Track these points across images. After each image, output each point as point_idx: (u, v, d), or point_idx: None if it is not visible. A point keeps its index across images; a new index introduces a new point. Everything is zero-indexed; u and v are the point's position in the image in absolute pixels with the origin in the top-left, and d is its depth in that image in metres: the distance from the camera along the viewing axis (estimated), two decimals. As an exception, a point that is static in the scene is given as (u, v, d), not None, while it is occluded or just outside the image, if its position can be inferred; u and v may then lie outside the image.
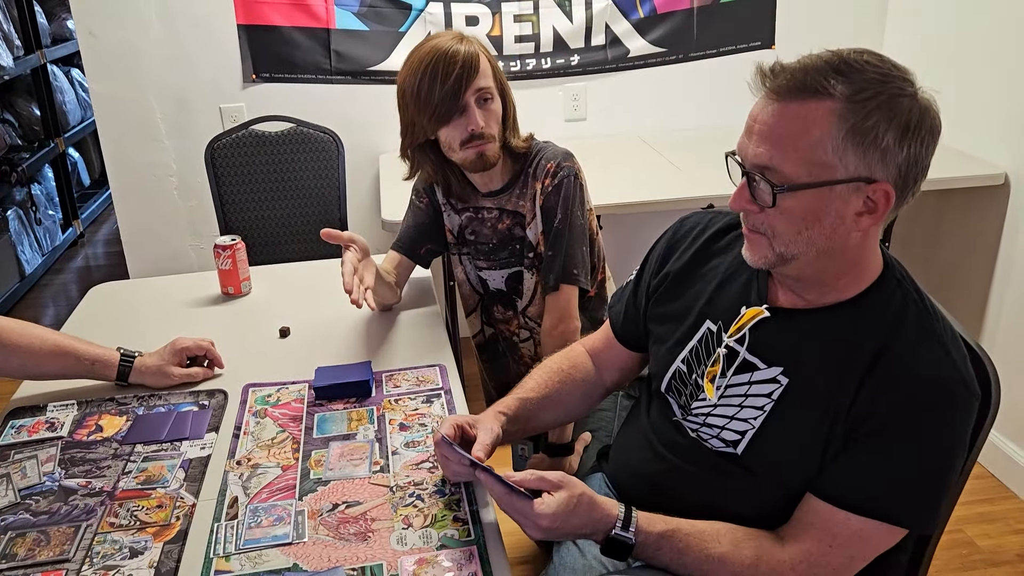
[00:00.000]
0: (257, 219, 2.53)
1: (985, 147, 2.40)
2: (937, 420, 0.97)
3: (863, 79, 0.92)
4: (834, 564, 1.00)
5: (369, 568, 1.02)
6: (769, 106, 0.95)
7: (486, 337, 1.83)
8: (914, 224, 2.71)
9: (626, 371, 1.34)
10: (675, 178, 2.43)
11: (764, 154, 0.95)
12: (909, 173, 0.94)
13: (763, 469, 1.06)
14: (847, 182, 0.93)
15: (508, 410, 1.23)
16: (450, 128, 1.52)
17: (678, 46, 2.82)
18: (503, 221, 1.65)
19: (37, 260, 3.98)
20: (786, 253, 0.99)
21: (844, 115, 0.91)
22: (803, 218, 0.96)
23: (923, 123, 0.93)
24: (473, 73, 1.48)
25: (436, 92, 1.48)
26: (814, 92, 0.92)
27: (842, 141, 0.91)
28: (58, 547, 1.07)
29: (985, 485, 2.30)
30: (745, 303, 1.10)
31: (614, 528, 1.04)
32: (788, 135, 0.93)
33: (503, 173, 1.63)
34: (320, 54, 2.68)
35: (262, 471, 1.21)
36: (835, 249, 0.98)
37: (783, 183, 0.94)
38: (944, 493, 1.00)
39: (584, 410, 1.35)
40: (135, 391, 1.43)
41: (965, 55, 2.46)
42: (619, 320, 1.30)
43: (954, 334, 1.02)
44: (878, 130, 0.91)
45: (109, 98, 2.65)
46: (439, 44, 1.49)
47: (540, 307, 1.69)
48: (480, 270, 1.73)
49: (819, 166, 0.93)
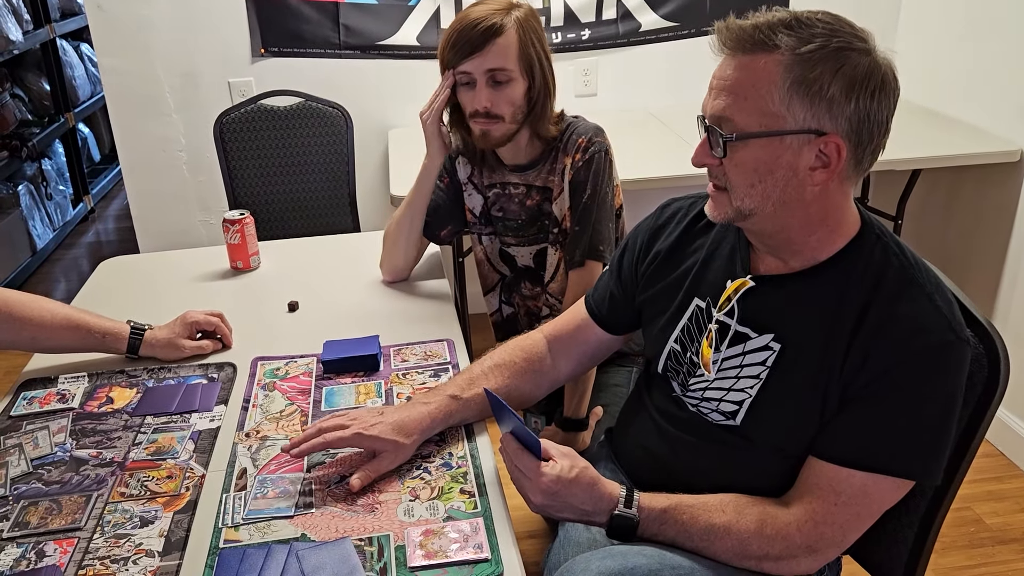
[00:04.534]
0: (266, 194, 2.53)
1: (1001, 124, 2.37)
2: (928, 368, 0.97)
3: (810, 33, 0.95)
4: (840, 521, 1.00)
5: (376, 539, 1.02)
6: (724, 61, 0.99)
7: (504, 316, 1.82)
8: (928, 201, 2.69)
9: (599, 352, 1.33)
10: (687, 153, 2.40)
11: (719, 105, 0.99)
12: (862, 128, 0.95)
13: (762, 437, 1.07)
14: (796, 133, 0.95)
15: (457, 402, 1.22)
16: (463, 94, 1.53)
17: (690, 20, 2.79)
18: (532, 197, 1.63)
19: (48, 235, 4.00)
20: (743, 207, 1.01)
21: (790, 66, 0.94)
22: (755, 169, 0.98)
23: (871, 77, 0.94)
24: (486, 50, 1.46)
25: (451, 60, 1.50)
26: (763, 45, 0.95)
27: (787, 91, 0.94)
28: (70, 516, 1.08)
29: (994, 463, 2.30)
30: (730, 276, 1.10)
31: (616, 507, 1.04)
32: (740, 86, 0.97)
33: (530, 149, 1.61)
34: (329, 28, 2.66)
35: (271, 443, 1.22)
36: (792, 202, 0.99)
37: (734, 132, 0.98)
38: (946, 441, 1.01)
39: (536, 397, 1.33)
40: (145, 364, 1.44)
41: (981, 32, 2.42)
42: (603, 305, 1.29)
43: (939, 282, 1.02)
44: (823, 81, 0.93)
45: (118, 72, 2.65)
46: (470, 14, 1.49)
47: (561, 283, 1.67)
48: (508, 247, 1.71)
49: (769, 116, 0.96)
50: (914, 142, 2.34)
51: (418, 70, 2.73)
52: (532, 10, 1.54)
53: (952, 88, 2.57)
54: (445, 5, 2.67)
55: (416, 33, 2.70)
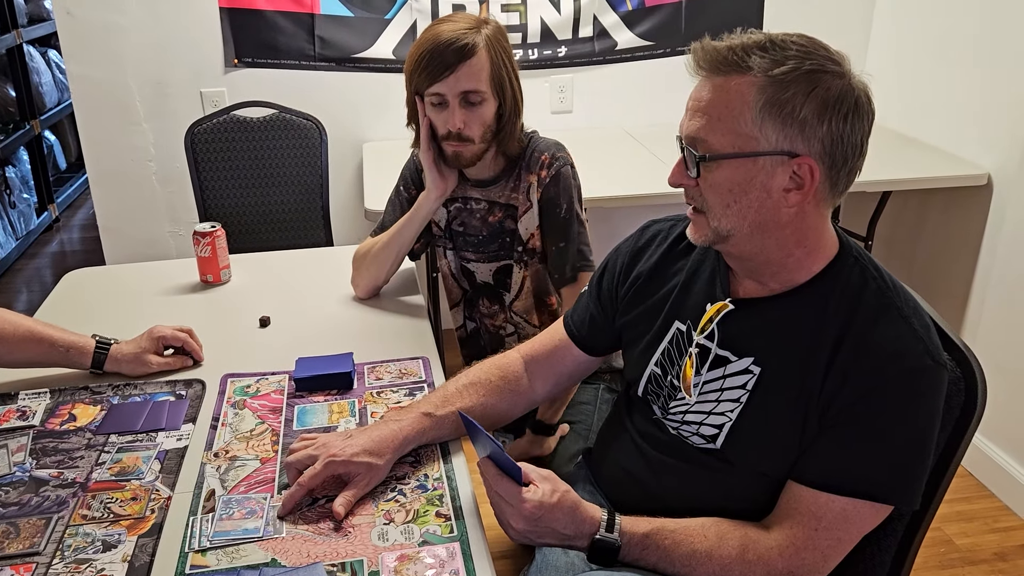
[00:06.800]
0: (237, 206, 2.49)
1: (968, 147, 2.41)
2: (906, 393, 0.97)
3: (784, 55, 0.95)
4: (821, 547, 1.00)
5: (349, 564, 1.00)
6: (701, 82, 1.00)
7: (468, 332, 1.81)
8: (897, 223, 2.72)
9: (577, 373, 1.32)
10: (660, 172, 2.41)
11: (694, 126, 0.99)
12: (836, 149, 0.96)
13: (743, 461, 1.06)
14: (769, 154, 0.96)
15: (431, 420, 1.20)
16: (435, 115, 1.52)
17: (666, 39, 2.82)
18: (494, 214, 1.63)
19: (11, 244, 3.90)
20: (720, 228, 1.01)
21: (763, 88, 0.94)
22: (729, 190, 0.98)
23: (844, 100, 0.95)
24: (459, 71, 1.45)
25: (422, 81, 1.48)
26: (736, 67, 0.96)
27: (760, 113, 0.95)
28: (28, 539, 1.04)
29: (963, 484, 2.32)
30: (710, 299, 1.10)
31: (598, 531, 1.03)
32: (714, 107, 0.97)
33: (493, 165, 1.60)
34: (304, 39, 2.64)
35: (240, 463, 1.19)
36: (768, 224, 1.00)
37: (708, 153, 0.98)
38: (924, 466, 1.01)
39: (512, 416, 1.30)
40: (110, 380, 1.40)
41: (950, 56, 2.47)
42: (583, 326, 1.28)
43: (916, 306, 1.03)
44: (795, 103, 0.94)
45: (86, 80, 2.60)
46: (441, 33, 1.46)
47: (527, 302, 1.67)
48: (467, 262, 1.70)
49: (742, 138, 0.96)
50: (884, 164, 2.37)
51: (394, 84, 2.72)
52: (500, 26, 1.53)
53: (921, 111, 2.61)
54: (422, 19, 2.66)
55: (392, 47, 2.68)
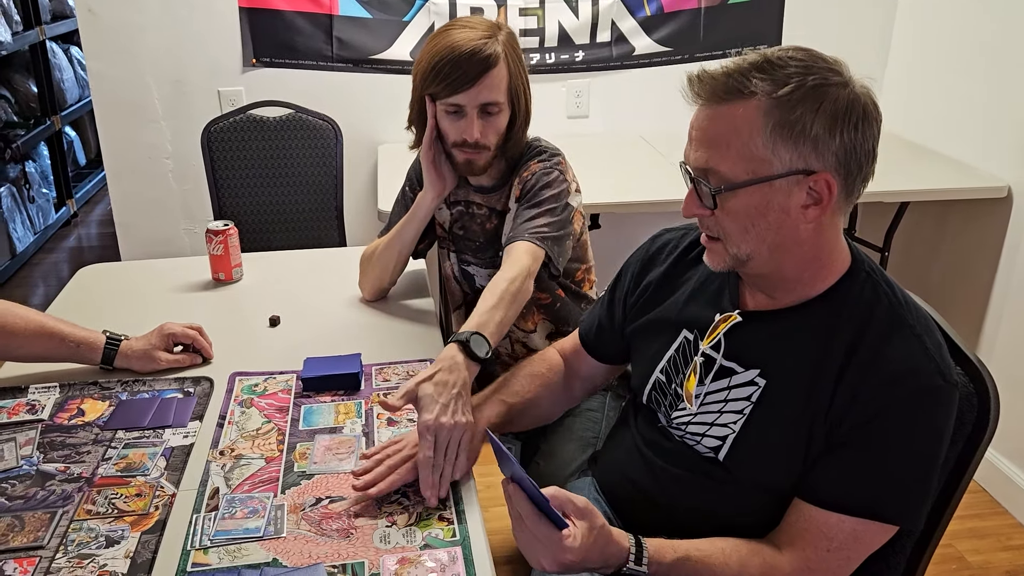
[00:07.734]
0: (252, 205, 2.50)
1: (988, 160, 2.38)
2: (916, 412, 0.96)
3: (784, 74, 0.93)
4: (832, 568, 0.99)
5: (350, 566, 0.99)
6: (702, 112, 0.98)
7: None
8: (914, 235, 2.69)
9: (591, 381, 1.35)
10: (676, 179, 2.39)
11: (702, 157, 0.97)
12: (850, 160, 0.94)
13: (746, 474, 1.05)
14: (785, 176, 0.94)
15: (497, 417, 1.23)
16: (448, 123, 1.49)
17: (684, 46, 2.80)
18: (491, 221, 1.62)
19: (29, 238, 3.94)
20: (739, 254, 1.00)
21: (769, 111, 0.92)
22: (747, 215, 0.97)
23: (853, 110, 0.93)
24: (480, 83, 1.42)
25: (440, 90, 1.45)
26: (738, 93, 0.94)
27: (770, 136, 0.93)
28: (32, 533, 1.04)
29: (976, 500, 2.29)
30: (718, 310, 1.09)
31: (627, 563, 1.00)
32: (720, 137, 0.95)
33: (495, 171, 1.58)
34: (322, 40, 2.65)
35: (245, 462, 1.19)
36: (787, 243, 0.98)
37: (723, 183, 0.95)
38: (930, 487, 0.99)
39: (555, 414, 1.34)
40: (119, 375, 1.40)
41: (970, 66, 2.44)
42: (591, 332, 1.30)
43: (928, 323, 1.01)
44: (805, 121, 0.92)
45: (106, 77, 2.62)
46: (458, 41, 1.42)
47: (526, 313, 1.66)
48: (467, 265, 1.70)
49: (755, 163, 0.94)
50: (902, 175, 2.34)
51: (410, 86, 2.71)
52: (512, 32, 1.51)
53: (941, 123, 2.58)
54: (440, 22, 2.66)
55: (409, 49, 2.69)
